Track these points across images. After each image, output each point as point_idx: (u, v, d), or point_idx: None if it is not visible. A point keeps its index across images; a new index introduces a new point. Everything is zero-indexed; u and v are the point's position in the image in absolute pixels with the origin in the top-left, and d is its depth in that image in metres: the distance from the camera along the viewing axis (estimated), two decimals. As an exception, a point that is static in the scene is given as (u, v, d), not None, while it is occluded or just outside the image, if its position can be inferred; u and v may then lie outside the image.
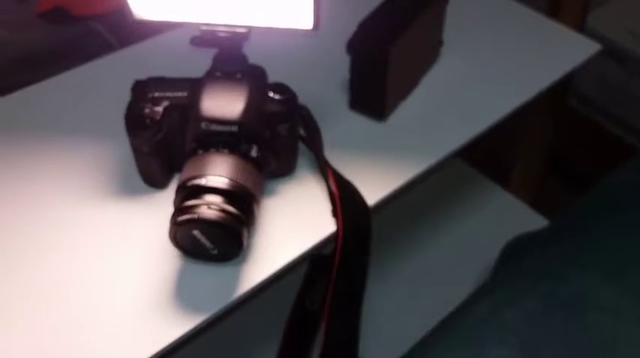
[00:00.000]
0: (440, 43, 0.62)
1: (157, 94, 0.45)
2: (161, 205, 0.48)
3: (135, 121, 0.45)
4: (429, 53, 0.61)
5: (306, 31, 0.42)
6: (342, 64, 0.55)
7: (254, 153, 0.44)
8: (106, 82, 0.60)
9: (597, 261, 0.43)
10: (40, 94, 0.59)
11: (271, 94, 0.45)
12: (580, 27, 0.78)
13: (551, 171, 0.99)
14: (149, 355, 0.39)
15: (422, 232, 0.80)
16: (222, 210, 0.40)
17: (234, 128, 0.43)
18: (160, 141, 0.46)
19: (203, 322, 0.42)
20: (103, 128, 0.55)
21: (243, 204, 0.41)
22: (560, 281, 0.42)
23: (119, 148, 0.52)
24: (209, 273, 0.44)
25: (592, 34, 0.68)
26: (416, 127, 0.56)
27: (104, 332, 0.41)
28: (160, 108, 0.45)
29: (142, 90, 0.46)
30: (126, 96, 0.46)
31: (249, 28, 0.43)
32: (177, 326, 0.41)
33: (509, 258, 0.57)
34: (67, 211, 0.49)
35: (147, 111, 0.44)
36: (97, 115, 0.57)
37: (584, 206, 0.53)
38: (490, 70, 0.62)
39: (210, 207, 0.39)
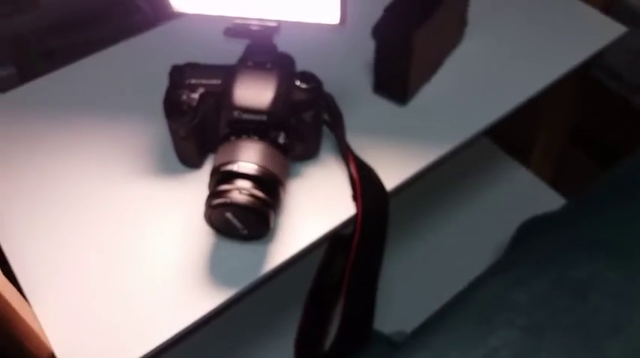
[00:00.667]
0: (464, 23, 0.63)
1: (193, 81, 0.48)
2: (195, 184, 0.51)
3: (173, 107, 0.48)
4: (453, 34, 0.62)
5: (332, 26, 0.44)
6: (368, 49, 0.57)
7: (281, 139, 0.47)
8: (146, 59, 0.63)
9: (605, 245, 0.45)
10: (82, 70, 0.63)
11: (298, 83, 0.48)
12: (607, 7, 0.77)
13: (578, 147, 1.00)
14: (185, 325, 0.44)
15: (439, 207, 0.83)
16: (252, 195, 0.43)
17: (264, 117, 0.46)
18: (196, 125, 0.49)
19: (234, 295, 0.46)
20: (141, 107, 0.58)
21: (271, 188, 0.44)
22: (569, 265, 0.44)
23: (157, 128, 0.55)
24: (240, 250, 0.48)
25: (622, 7, 0.67)
26: (437, 110, 0.58)
27: (144, 299, 0.46)
28: (196, 95, 0.47)
29: (179, 76, 0.49)
30: (164, 75, 0.49)
31: (279, 22, 0.45)
32: (210, 298, 0.45)
33: (522, 239, 0.59)
34: (107, 187, 0.53)
35: (184, 97, 0.47)
36: (136, 93, 0.60)
37: (598, 189, 0.54)
38: (514, 51, 0.63)
39: (241, 191, 0.43)
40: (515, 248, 0.58)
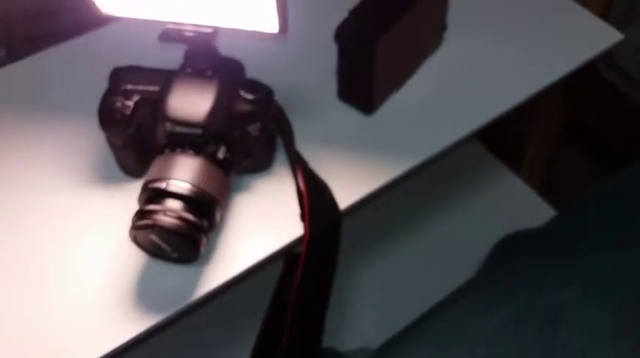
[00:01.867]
0: (444, 27, 0.58)
1: (129, 87, 0.45)
2: (135, 195, 0.48)
3: (106, 115, 0.44)
4: (429, 38, 0.58)
5: (272, 35, 0.40)
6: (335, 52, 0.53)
7: (221, 154, 0.43)
8: (103, 56, 0.59)
9: (583, 270, 0.42)
10: (37, 65, 0.59)
11: (243, 93, 0.44)
12: (605, 9, 0.71)
13: (577, 147, 0.95)
14: (105, 352, 0.41)
15: (420, 213, 0.79)
16: (180, 218, 0.40)
17: (199, 131, 0.42)
18: (132, 135, 0.45)
19: (162, 321, 0.43)
20: (84, 109, 0.54)
21: (204, 209, 0.41)
22: (538, 293, 0.41)
23: (99, 133, 0.52)
24: (174, 271, 0.45)
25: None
26: (405, 122, 0.54)
27: (64, 322, 0.43)
28: (130, 103, 0.44)
29: (116, 80, 0.45)
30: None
31: (216, 28, 0.41)
32: (135, 324, 0.42)
33: (497, 258, 0.56)
34: (41, 196, 0.50)
35: (118, 104, 0.44)
36: (79, 95, 0.56)
37: (585, 204, 0.50)
38: (497, 58, 0.58)
39: (166, 213, 0.40)
40: (490, 267, 0.55)
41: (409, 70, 0.56)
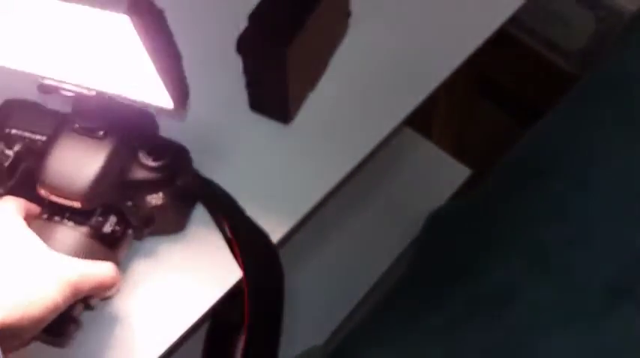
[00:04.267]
0: (347, 14, 0.54)
1: (14, 132, 0.38)
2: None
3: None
4: (335, 31, 0.53)
5: (169, 111, 0.34)
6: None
7: (108, 227, 0.38)
8: None
9: (520, 244, 0.41)
10: None
11: (142, 158, 0.38)
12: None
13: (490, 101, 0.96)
14: None
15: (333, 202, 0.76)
16: None
17: (77, 204, 0.36)
18: (16, 186, 0.38)
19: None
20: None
21: None
22: (480, 276, 0.40)
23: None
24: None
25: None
26: (327, 125, 0.50)
27: None
28: (11, 152, 0.37)
29: (3, 119, 0.38)
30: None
31: (99, 92, 0.35)
32: None
33: (429, 239, 0.54)
34: None
35: None
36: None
37: (503, 174, 0.50)
38: (409, 35, 0.55)
39: None
40: (422, 253, 0.54)
41: (321, 67, 0.52)
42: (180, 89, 0.33)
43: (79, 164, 0.36)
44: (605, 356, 0.35)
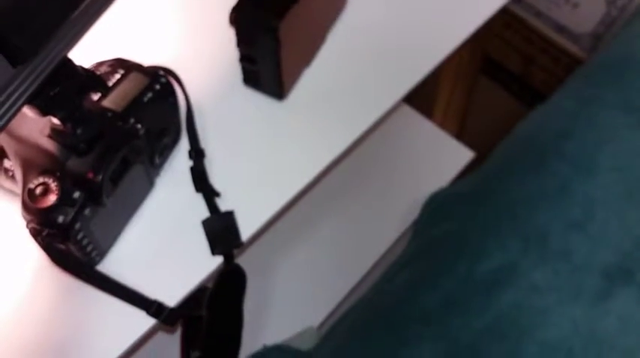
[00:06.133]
0: (346, -14, 0.53)
1: None
2: None
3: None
4: (333, 4, 0.52)
5: None
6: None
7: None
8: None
9: (517, 227, 0.40)
10: None
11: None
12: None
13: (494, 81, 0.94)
14: None
15: (332, 179, 0.75)
16: None
17: None
18: None
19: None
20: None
21: None
22: (477, 258, 0.40)
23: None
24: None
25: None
26: (323, 102, 0.49)
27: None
28: None
29: None
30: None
31: None
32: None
33: (428, 221, 0.54)
34: None
35: None
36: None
37: (504, 158, 0.49)
38: (409, 14, 0.54)
39: None
40: (421, 234, 0.53)
41: (318, 41, 0.51)
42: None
43: None
44: (602, 340, 0.35)
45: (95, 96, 0.36)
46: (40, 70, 0.29)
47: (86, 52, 0.35)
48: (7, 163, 0.36)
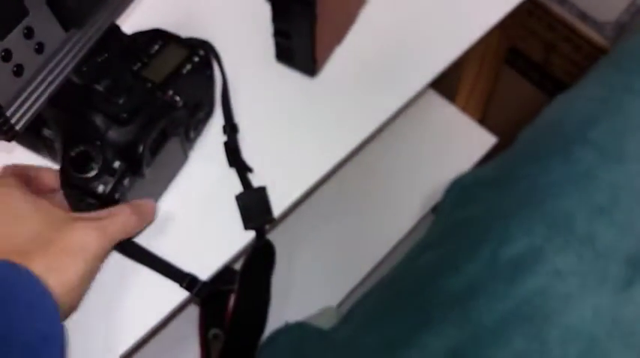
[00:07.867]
0: (380, -34, 0.52)
1: None
2: None
3: None
4: (366, -19, 0.52)
5: None
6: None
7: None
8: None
9: (541, 211, 0.40)
10: None
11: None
12: None
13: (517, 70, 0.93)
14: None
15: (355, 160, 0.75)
16: None
17: None
18: None
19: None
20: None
21: None
22: (501, 243, 0.39)
23: None
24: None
25: None
26: (354, 81, 0.49)
27: None
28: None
29: None
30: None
31: None
32: None
33: (453, 205, 0.54)
34: None
35: None
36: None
37: (526, 144, 0.49)
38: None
39: None
40: (445, 216, 0.53)
41: (350, 20, 0.51)
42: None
43: None
44: (623, 327, 0.34)
45: (135, 67, 0.36)
46: (89, 36, 0.29)
47: (125, 22, 0.35)
48: (46, 132, 0.36)
